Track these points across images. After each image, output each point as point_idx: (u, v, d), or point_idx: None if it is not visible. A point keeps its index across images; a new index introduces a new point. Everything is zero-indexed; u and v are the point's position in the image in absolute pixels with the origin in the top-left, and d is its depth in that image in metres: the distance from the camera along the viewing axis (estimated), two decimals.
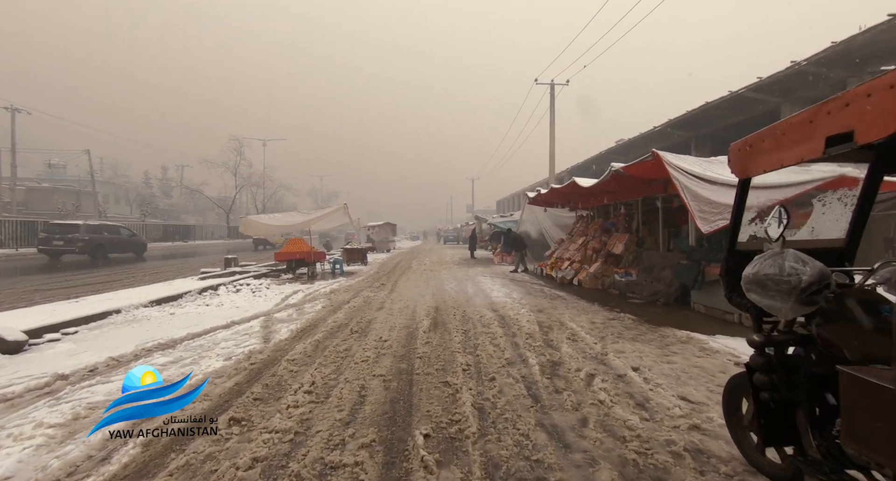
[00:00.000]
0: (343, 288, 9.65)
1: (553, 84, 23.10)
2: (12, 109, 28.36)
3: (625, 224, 9.14)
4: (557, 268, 10.59)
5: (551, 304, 7.19)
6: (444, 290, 9.09)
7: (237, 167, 38.18)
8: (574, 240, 11.61)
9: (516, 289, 9.11)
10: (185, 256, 22.30)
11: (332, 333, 5.31)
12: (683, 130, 16.89)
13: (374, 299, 7.98)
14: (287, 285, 10.16)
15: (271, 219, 11.58)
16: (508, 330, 5.37)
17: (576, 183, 8.25)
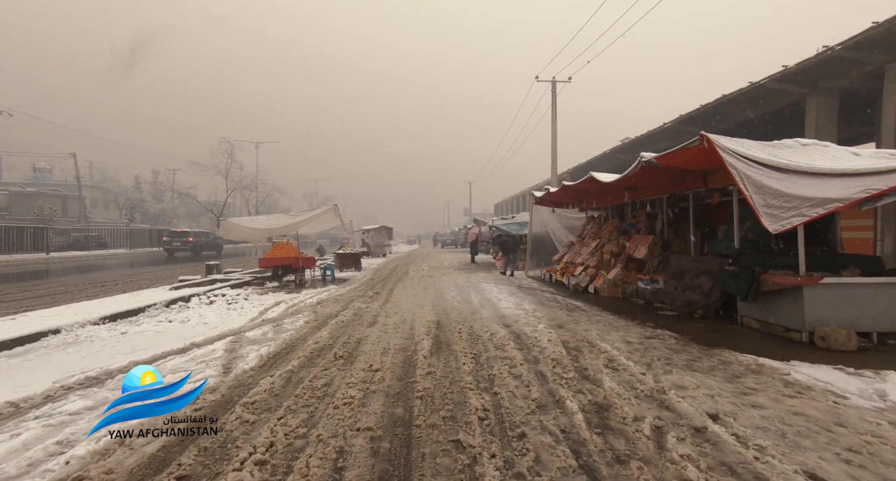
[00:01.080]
0: (332, 298, 8.64)
1: (554, 81, 22.29)
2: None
3: (647, 224, 8.19)
4: (569, 274, 9.62)
5: (571, 317, 6.21)
6: (445, 300, 8.10)
7: (228, 170, 37.06)
8: (586, 242, 10.65)
9: (527, 299, 8.13)
10: (168, 262, 21.21)
11: (310, 360, 4.30)
12: (696, 127, 16.02)
13: (366, 312, 6.97)
14: (270, 295, 9.12)
15: (254, 221, 10.57)
16: (528, 353, 4.38)
17: (594, 178, 7.30)
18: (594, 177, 7.33)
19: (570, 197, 9.96)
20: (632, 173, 6.13)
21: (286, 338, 5.19)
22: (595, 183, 7.56)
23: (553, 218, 12.23)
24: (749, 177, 4.07)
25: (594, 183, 7.56)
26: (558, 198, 10.73)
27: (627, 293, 7.79)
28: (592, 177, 7.36)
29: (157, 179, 55.87)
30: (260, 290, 9.95)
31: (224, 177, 37.21)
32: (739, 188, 4.08)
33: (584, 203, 9.79)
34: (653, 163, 5.57)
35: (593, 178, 7.36)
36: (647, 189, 7.56)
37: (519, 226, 15.59)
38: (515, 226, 15.65)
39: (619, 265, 8.22)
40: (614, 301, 7.70)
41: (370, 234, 26.26)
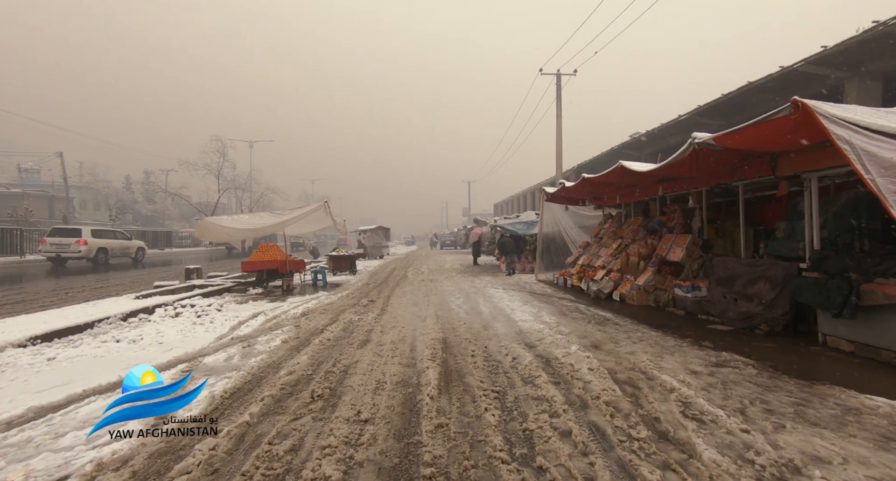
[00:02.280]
0: (321, 307, 7.54)
1: (559, 74, 21.33)
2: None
3: (682, 222, 7.13)
4: (589, 279, 8.54)
5: (605, 334, 5.14)
6: (450, 310, 7.01)
7: (220, 169, 35.84)
8: (605, 243, 9.58)
9: (544, 308, 7.05)
10: (153, 266, 20.03)
11: (279, 402, 3.21)
12: (715, 119, 15.00)
13: (357, 326, 5.88)
14: (249, 304, 8.01)
15: (235, 221, 9.46)
16: (569, 390, 3.30)
17: (624, 168, 6.24)
18: (624, 166, 6.26)
19: (588, 192, 8.90)
20: (677, 160, 5.07)
21: (254, 365, 4.09)
22: (624, 174, 6.50)
23: (566, 216, 11.17)
24: (871, 155, 3.00)
25: (623, 174, 6.49)
26: (574, 194, 9.66)
27: (662, 301, 6.72)
28: (622, 167, 6.30)
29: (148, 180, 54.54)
30: (240, 298, 8.84)
31: (216, 176, 36.02)
32: (856, 170, 3.00)
33: (604, 198, 8.74)
34: (709, 144, 4.50)
35: (623, 168, 6.29)
36: (686, 180, 6.49)
37: (525, 225, 14.53)
38: (522, 226, 14.58)
39: (650, 269, 7.15)
40: (647, 311, 6.63)
41: (367, 235, 25.15)
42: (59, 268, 16.53)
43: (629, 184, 7.59)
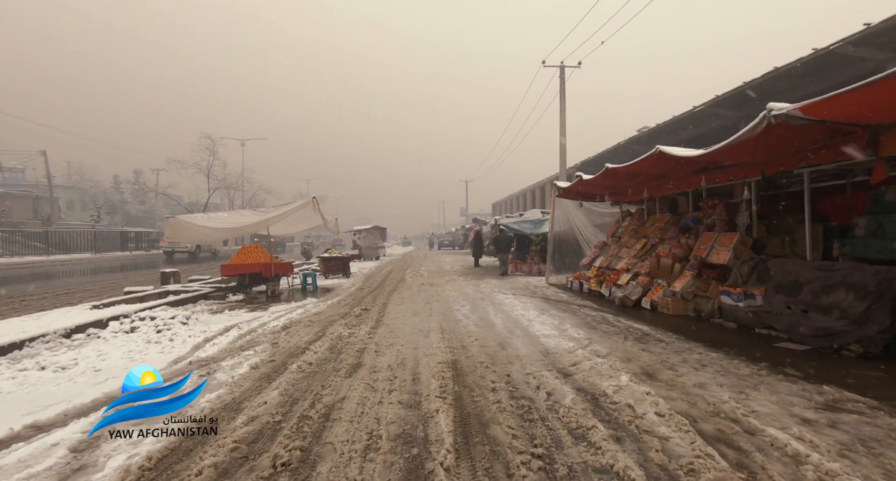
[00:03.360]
0: (306, 318, 6.51)
1: (563, 66, 20.35)
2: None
3: (724, 218, 6.15)
4: (611, 283, 7.56)
5: (654, 356, 4.15)
6: (457, 322, 6.01)
7: (210, 167, 34.61)
8: (626, 243, 8.61)
9: (567, 319, 6.06)
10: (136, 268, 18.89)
11: (225, 474, 2.19)
12: (733, 110, 14.08)
13: (348, 344, 4.87)
14: (224, 315, 6.97)
15: (212, 219, 8.40)
16: (643, 455, 2.30)
17: (663, 153, 5.25)
18: (663, 152, 5.27)
19: (609, 186, 7.92)
20: (740, 140, 4.08)
21: (204, 409, 3.06)
22: (660, 162, 5.51)
23: (580, 213, 10.18)
24: None
25: (659, 162, 5.51)
26: (591, 189, 8.68)
27: (705, 311, 5.74)
28: (660, 154, 5.31)
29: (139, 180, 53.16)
30: (216, 307, 7.80)
31: (206, 175, 34.81)
32: None
33: (628, 192, 7.76)
34: (793, 117, 3.51)
35: (662, 154, 5.31)
36: (734, 169, 5.51)
37: (532, 224, 13.54)
38: (528, 225, 13.59)
39: (687, 273, 6.17)
40: (689, 323, 5.65)
41: (362, 235, 24.09)
42: (169, 259, 21.76)
43: (660, 174, 6.61)
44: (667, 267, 6.62)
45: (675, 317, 6.01)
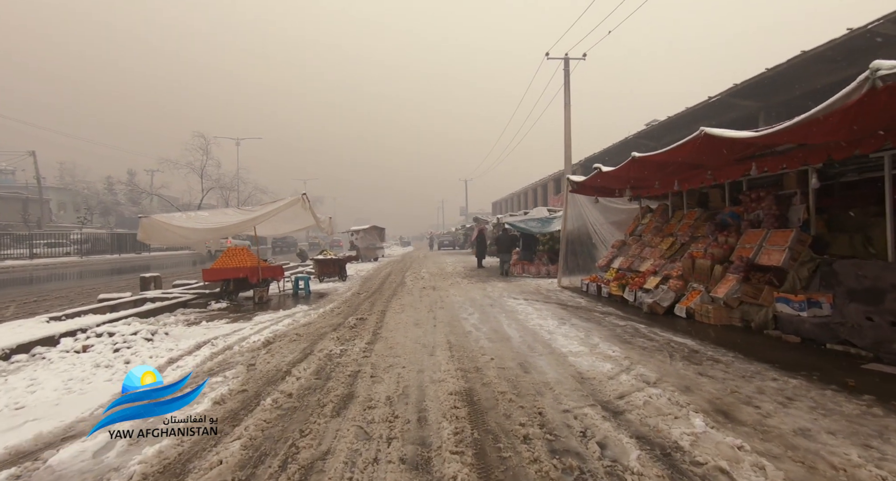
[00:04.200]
0: (293, 331, 5.69)
1: (567, 58, 19.57)
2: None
3: (773, 213, 5.33)
4: (636, 287, 6.75)
5: (719, 384, 3.33)
6: (466, 335, 5.18)
7: (204, 167, 33.76)
8: (649, 241, 7.79)
9: (592, 330, 5.24)
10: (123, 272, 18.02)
11: None
12: (752, 99, 13.28)
13: (338, 367, 4.04)
14: (201, 326, 6.14)
15: (191, 219, 7.55)
16: None
17: (710, 136, 4.43)
18: (710, 134, 4.45)
19: (632, 178, 7.09)
20: (830, 111, 3.26)
21: (133, 474, 2.23)
22: (704, 147, 4.69)
23: (595, 210, 9.36)
24: None
25: (703, 146, 4.69)
26: (610, 183, 7.85)
27: (756, 321, 4.92)
28: (707, 137, 4.49)
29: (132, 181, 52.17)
30: (195, 317, 6.97)
31: (199, 175, 33.92)
32: None
33: (655, 185, 6.92)
34: None
35: (708, 138, 4.48)
36: (792, 154, 4.69)
37: (539, 222, 12.72)
38: (535, 223, 12.77)
39: (731, 276, 5.35)
40: (738, 335, 4.84)
41: (360, 236, 23.24)
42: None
43: (696, 163, 5.79)
44: (704, 269, 5.81)
45: (719, 327, 5.20)
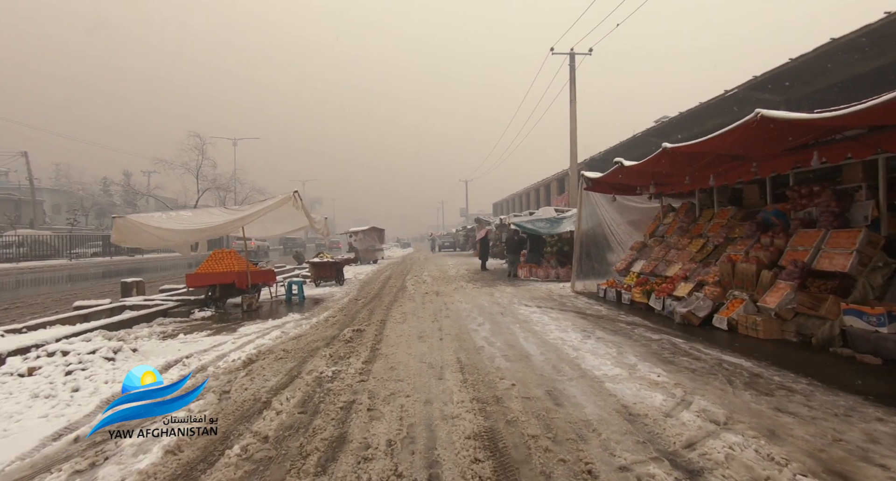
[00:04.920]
0: (280, 346, 4.99)
1: (573, 53, 18.93)
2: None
3: (833, 210, 4.64)
4: (664, 294, 6.06)
5: (814, 428, 2.63)
6: (478, 352, 4.48)
7: (199, 167, 33.05)
8: (677, 243, 7.10)
9: (625, 345, 4.53)
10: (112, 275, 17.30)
11: None
12: (771, 93, 12.59)
13: (328, 395, 3.35)
14: (178, 340, 5.45)
15: (171, 219, 6.85)
16: None
17: (766, 119, 3.75)
18: (767, 117, 3.77)
19: (660, 173, 6.39)
20: None
21: None
22: (757, 132, 4.01)
23: (612, 209, 8.67)
24: None
25: (757, 131, 4.00)
26: (631, 179, 7.15)
27: (818, 336, 4.22)
28: (762, 118, 3.80)
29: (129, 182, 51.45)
30: (174, 327, 6.27)
31: (195, 175, 33.23)
32: None
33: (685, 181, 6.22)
34: None
35: (764, 120, 3.80)
36: (861, 141, 4.00)
37: (548, 223, 12.03)
38: (544, 224, 12.09)
39: (783, 283, 4.65)
40: (796, 352, 4.15)
41: (359, 238, 22.54)
42: None
43: (735, 155, 5.10)
44: (747, 274, 5.11)
45: (770, 342, 4.51)
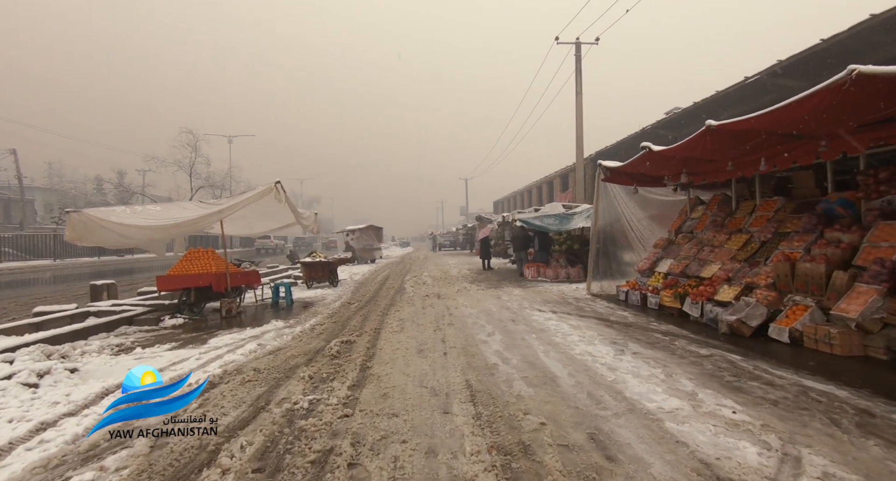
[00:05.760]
0: (252, 364, 4.13)
1: (579, 43, 18.06)
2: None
3: None
4: (702, 298, 5.22)
5: None
6: (491, 372, 3.63)
7: (193, 164, 32.15)
8: (712, 240, 6.24)
9: (674, 366, 3.68)
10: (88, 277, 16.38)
11: None
12: (796, 79, 11.67)
13: (299, 440, 2.49)
14: (134, 354, 4.59)
15: (136, 214, 5.97)
16: None
17: (863, 76, 2.91)
18: (866, 74, 2.91)
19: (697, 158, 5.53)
20: None
21: None
22: (856, 95, 3.15)
23: (632, 202, 7.79)
24: None
25: (853, 95, 3.15)
26: (659, 167, 6.27)
27: None
28: (861, 77, 2.95)
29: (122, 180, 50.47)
30: (136, 338, 5.42)
31: (188, 173, 32.31)
32: None
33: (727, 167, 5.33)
34: None
35: (862, 79, 2.94)
36: None
37: (557, 219, 11.18)
38: (552, 220, 11.23)
39: (866, 287, 3.81)
40: (888, 373, 3.31)
41: (355, 236, 21.66)
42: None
43: (804, 131, 4.24)
44: (813, 276, 4.26)
45: (852, 360, 3.67)
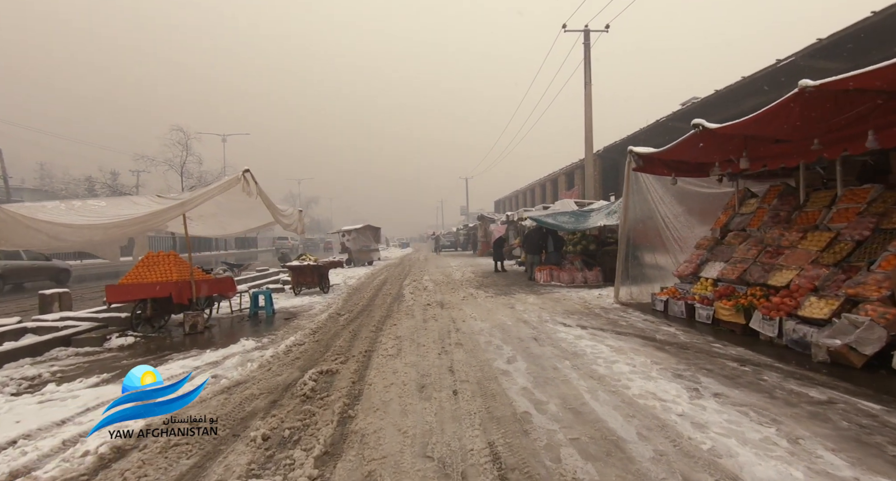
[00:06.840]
0: (196, 405, 2.97)
1: (587, 30, 16.97)
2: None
3: None
4: (781, 313, 4.09)
5: None
6: (526, 433, 2.47)
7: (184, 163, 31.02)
8: (778, 239, 5.10)
9: (789, 420, 2.55)
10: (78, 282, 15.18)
11: None
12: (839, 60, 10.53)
13: None
14: (41, 394, 3.45)
15: (73, 210, 4.82)
16: None
17: None
18: None
19: (768, 135, 4.39)
20: None
21: None
22: None
23: (668, 196, 6.64)
24: None
25: None
26: (711, 151, 5.12)
27: None
28: None
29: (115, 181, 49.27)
30: (61, 366, 4.28)
31: (179, 172, 31.15)
32: None
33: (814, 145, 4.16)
34: None
35: None
36: None
37: (571, 217, 10.05)
38: (567, 219, 10.10)
39: None
40: None
41: (352, 237, 20.51)
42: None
43: None
44: None
45: None
